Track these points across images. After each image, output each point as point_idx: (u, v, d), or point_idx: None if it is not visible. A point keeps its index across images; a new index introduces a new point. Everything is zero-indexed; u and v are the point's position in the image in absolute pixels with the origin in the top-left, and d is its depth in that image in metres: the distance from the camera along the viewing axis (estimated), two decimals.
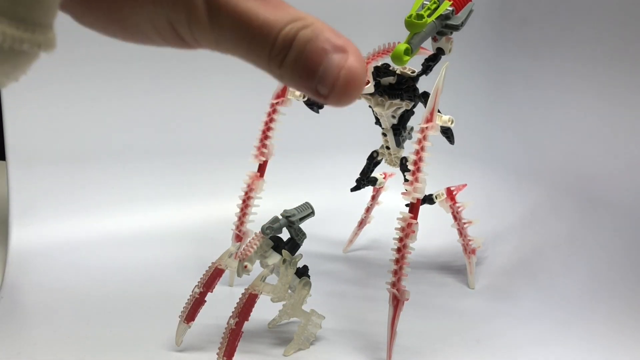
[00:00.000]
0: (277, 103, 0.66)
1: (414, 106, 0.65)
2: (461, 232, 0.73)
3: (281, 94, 0.66)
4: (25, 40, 0.19)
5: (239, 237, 0.69)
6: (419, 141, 0.54)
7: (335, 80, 0.22)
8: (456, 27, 0.58)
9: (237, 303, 0.53)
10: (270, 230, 0.55)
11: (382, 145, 0.70)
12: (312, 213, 0.57)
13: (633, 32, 0.83)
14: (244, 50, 0.23)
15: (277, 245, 0.57)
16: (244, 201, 0.69)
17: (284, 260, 0.56)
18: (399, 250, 0.55)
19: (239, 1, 0.23)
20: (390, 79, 0.63)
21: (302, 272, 0.57)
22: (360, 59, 0.23)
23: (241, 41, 0.23)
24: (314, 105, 0.67)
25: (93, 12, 0.24)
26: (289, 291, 0.57)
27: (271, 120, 0.66)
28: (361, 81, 0.23)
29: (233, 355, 0.52)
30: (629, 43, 0.83)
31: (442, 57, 0.62)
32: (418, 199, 0.55)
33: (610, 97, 0.86)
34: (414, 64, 0.61)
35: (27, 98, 0.93)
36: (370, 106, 0.66)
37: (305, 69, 0.23)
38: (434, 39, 0.61)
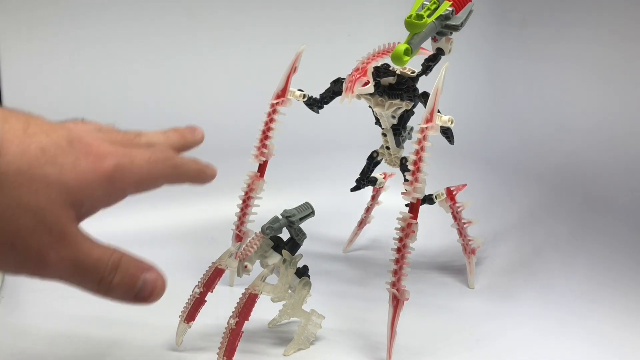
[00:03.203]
0: (277, 103, 0.66)
1: (413, 106, 0.65)
2: (461, 232, 0.73)
3: (281, 94, 0.66)
4: None
5: (239, 237, 0.69)
6: (419, 141, 0.54)
7: (153, 289, 0.34)
8: (456, 28, 0.58)
9: (237, 303, 0.53)
10: (270, 230, 0.55)
11: (382, 145, 0.70)
12: (312, 213, 0.57)
13: (633, 32, 0.83)
14: (79, 277, 0.33)
15: (277, 245, 0.57)
16: (244, 201, 0.69)
17: (284, 260, 0.56)
18: (399, 250, 0.55)
19: (82, 240, 0.34)
20: (390, 79, 0.63)
21: (302, 272, 0.57)
22: (160, 274, 0.35)
23: (79, 270, 0.33)
24: (314, 106, 0.67)
25: None
26: (289, 291, 0.57)
27: (271, 120, 0.66)
28: (163, 288, 0.35)
29: (233, 355, 0.52)
30: (630, 42, 0.83)
31: (442, 57, 0.62)
32: (418, 199, 0.55)
33: (610, 97, 0.87)
34: (414, 64, 0.61)
35: (27, 97, 0.93)
36: (370, 106, 0.66)
37: (128, 284, 0.34)
38: (434, 39, 0.61)
